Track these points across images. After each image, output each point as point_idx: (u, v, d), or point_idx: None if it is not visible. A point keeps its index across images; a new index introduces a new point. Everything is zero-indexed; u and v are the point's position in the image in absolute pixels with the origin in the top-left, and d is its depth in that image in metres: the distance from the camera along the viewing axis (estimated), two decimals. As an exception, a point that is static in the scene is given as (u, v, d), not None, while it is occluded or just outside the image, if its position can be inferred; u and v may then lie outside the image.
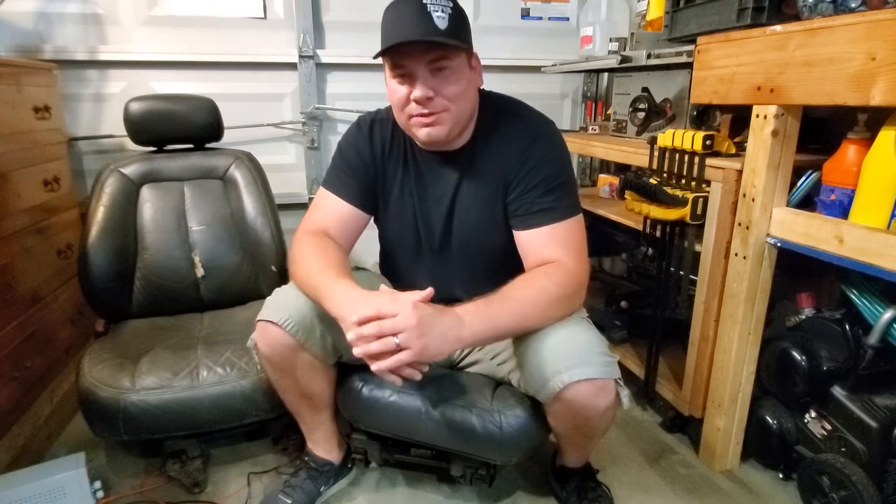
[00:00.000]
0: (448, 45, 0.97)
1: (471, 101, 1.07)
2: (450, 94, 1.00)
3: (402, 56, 0.98)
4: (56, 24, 1.85)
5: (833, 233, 1.06)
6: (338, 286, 0.97)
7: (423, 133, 1.03)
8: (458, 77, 1.01)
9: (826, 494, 1.17)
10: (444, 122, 1.02)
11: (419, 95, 0.98)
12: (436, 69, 0.99)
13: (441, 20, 0.95)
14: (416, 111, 1.01)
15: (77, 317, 1.71)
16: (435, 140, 1.04)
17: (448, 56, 0.98)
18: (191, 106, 1.63)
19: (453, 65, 1.00)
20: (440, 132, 1.03)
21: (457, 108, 1.02)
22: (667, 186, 1.38)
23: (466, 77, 1.03)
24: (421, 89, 0.98)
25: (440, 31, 0.95)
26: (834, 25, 0.99)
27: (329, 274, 0.99)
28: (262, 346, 1.09)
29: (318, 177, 2.17)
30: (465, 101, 1.05)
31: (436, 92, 0.99)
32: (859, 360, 1.15)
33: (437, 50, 0.97)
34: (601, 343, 1.03)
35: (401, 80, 1.01)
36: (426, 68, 0.98)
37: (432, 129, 1.02)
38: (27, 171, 1.51)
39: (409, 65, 0.98)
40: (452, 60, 0.99)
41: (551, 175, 1.07)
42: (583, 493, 1.24)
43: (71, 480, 1.14)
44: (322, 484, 1.28)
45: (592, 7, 2.02)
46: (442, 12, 0.96)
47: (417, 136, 1.05)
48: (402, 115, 1.05)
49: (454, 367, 1.29)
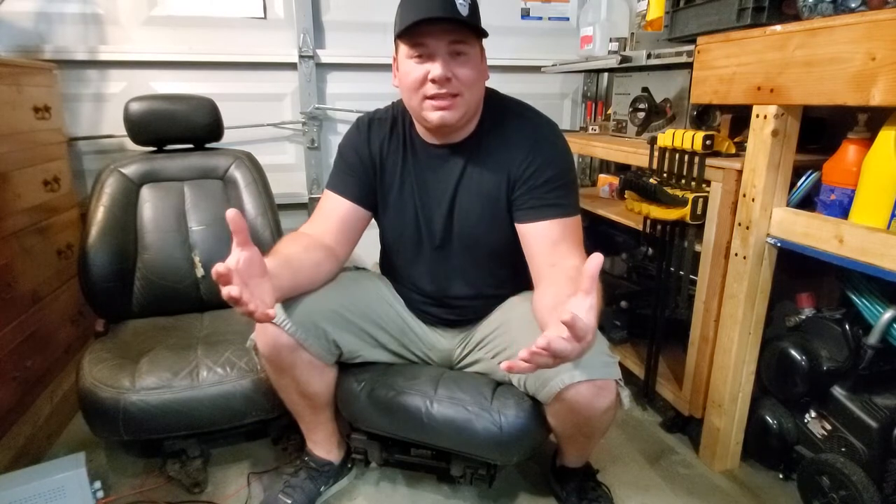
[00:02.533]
0: (472, 28, 1.00)
1: (480, 91, 1.09)
2: (466, 79, 1.02)
3: (425, 35, 1.00)
4: (56, 24, 1.85)
5: (833, 233, 1.06)
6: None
7: (435, 116, 1.04)
8: (473, 65, 1.04)
9: (826, 494, 1.17)
10: (458, 108, 1.04)
11: (439, 74, 1.00)
12: (455, 52, 1.01)
13: (463, 7, 0.98)
14: (431, 91, 1.02)
15: (77, 317, 1.71)
16: (447, 124, 1.05)
17: (468, 41, 1.01)
18: (191, 106, 1.63)
19: (471, 51, 1.03)
20: (453, 116, 1.04)
21: (469, 94, 1.04)
22: (667, 186, 1.38)
23: (478, 67, 1.06)
24: (441, 68, 1.00)
25: (462, 16, 0.98)
26: (834, 25, 0.99)
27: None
28: (262, 346, 1.09)
29: (318, 177, 2.17)
30: (477, 89, 1.07)
31: (453, 74, 1.01)
32: (859, 360, 1.14)
33: (460, 32, 1.00)
34: (602, 344, 1.03)
35: (419, 60, 1.02)
36: (446, 48, 1.00)
37: (446, 113, 1.03)
38: (27, 171, 1.51)
39: (431, 43, 1.00)
40: (471, 46, 1.03)
41: (558, 174, 1.09)
42: (583, 493, 1.24)
43: (71, 480, 1.14)
44: (322, 484, 1.29)
45: (592, 7, 2.02)
46: (464, 0, 0.99)
47: (429, 120, 1.05)
48: (415, 97, 1.05)
49: (454, 367, 1.29)
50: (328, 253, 1.13)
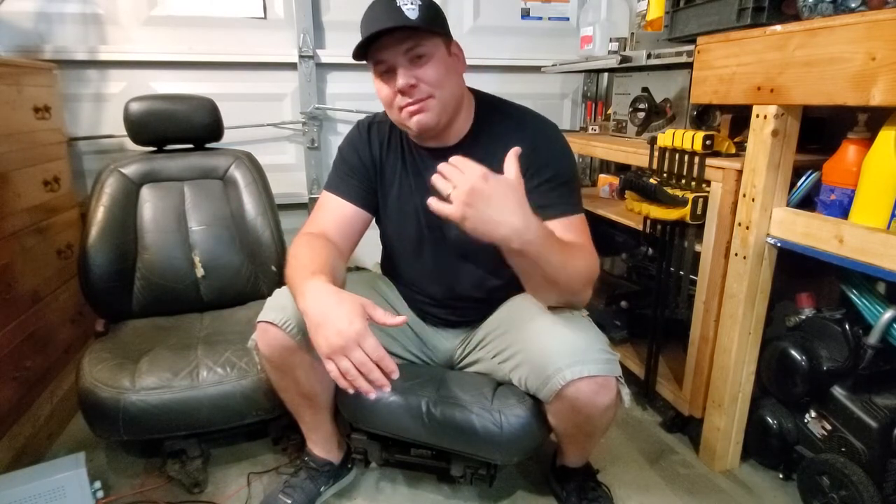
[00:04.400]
0: (419, 29, 0.99)
1: (455, 87, 1.08)
2: (431, 80, 1.02)
3: (381, 51, 1.01)
4: (56, 24, 1.85)
5: (833, 233, 1.06)
6: (309, 283, 0.94)
7: (413, 122, 1.04)
8: (437, 63, 1.03)
9: (826, 494, 1.17)
10: (431, 109, 1.04)
11: (402, 84, 1.00)
12: (414, 57, 1.01)
13: (411, 11, 0.99)
14: (403, 102, 1.03)
15: (77, 317, 1.71)
16: (425, 127, 1.05)
17: (422, 43, 1.01)
18: (191, 106, 1.63)
19: (430, 51, 1.02)
20: (429, 118, 1.04)
21: (441, 93, 1.04)
22: (667, 186, 1.38)
23: (446, 63, 1.05)
24: (403, 77, 1.00)
25: (410, 20, 0.98)
26: (834, 25, 0.99)
27: (305, 272, 0.97)
28: (263, 347, 1.09)
29: (318, 177, 2.17)
30: (449, 86, 1.06)
31: (417, 79, 1.01)
32: (859, 360, 1.14)
33: (413, 38, 1.00)
34: (602, 341, 1.03)
35: (385, 78, 1.04)
36: (404, 57, 1.01)
37: (421, 116, 1.04)
38: (27, 171, 1.51)
39: (389, 57, 1.01)
40: (428, 47, 1.02)
41: (561, 173, 1.08)
42: (583, 492, 1.24)
43: (71, 480, 1.14)
44: (322, 484, 1.28)
45: (592, 7, 2.02)
46: (412, 4, 0.99)
47: (410, 127, 1.06)
48: (393, 112, 1.07)
49: (454, 367, 1.29)
50: (339, 254, 1.13)
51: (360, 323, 0.86)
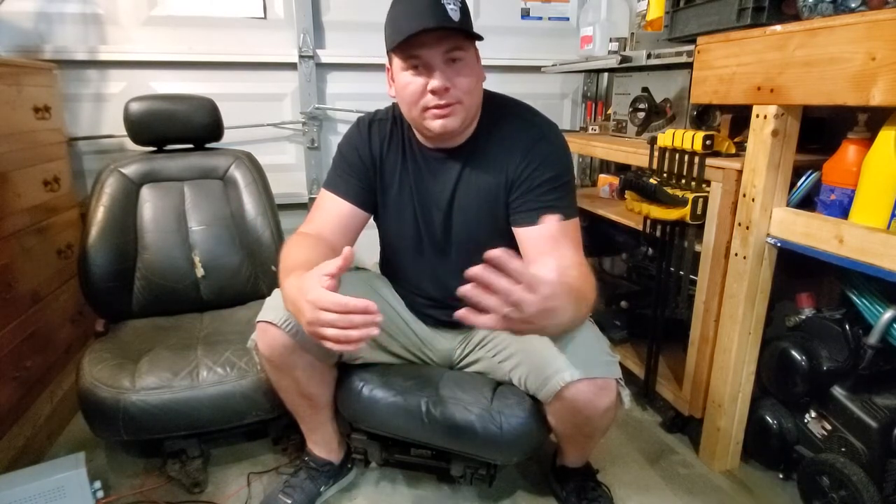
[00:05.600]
0: (465, 35, 0.98)
1: (479, 95, 1.08)
2: (464, 87, 1.01)
3: (419, 47, 0.98)
4: (56, 24, 1.85)
5: (833, 233, 1.06)
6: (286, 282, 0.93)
7: (437, 125, 1.03)
8: (471, 70, 1.02)
9: (826, 494, 1.17)
10: (458, 114, 1.03)
11: (438, 85, 0.98)
12: (450, 60, 1.00)
13: (454, 12, 0.97)
14: (432, 103, 1.01)
15: (77, 317, 1.71)
16: (449, 131, 1.04)
17: (463, 47, 1.00)
18: (191, 106, 1.63)
19: (467, 56, 1.01)
20: (454, 123, 1.03)
21: (469, 100, 1.03)
22: (667, 186, 1.38)
23: (476, 70, 1.05)
24: (440, 79, 0.98)
25: (454, 22, 0.96)
26: (834, 25, 0.99)
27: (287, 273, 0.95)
28: (262, 347, 1.09)
29: (318, 177, 2.17)
30: (476, 94, 1.06)
31: (452, 83, 1.00)
32: (859, 360, 1.14)
33: (453, 40, 0.98)
34: (602, 343, 1.03)
35: (415, 72, 1.01)
36: (442, 58, 0.99)
37: (447, 121, 1.02)
38: (27, 171, 1.51)
39: (426, 55, 0.98)
40: (466, 52, 1.01)
41: (556, 175, 1.08)
42: (583, 492, 1.24)
43: (71, 480, 1.14)
44: (322, 484, 1.28)
45: (592, 7, 2.02)
46: (454, 5, 0.97)
47: (431, 129, 1.04)
48: (414, 109, 1.04)
49: (454, 367, 1.29)
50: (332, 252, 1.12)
51: (314, 292, 0.82)
